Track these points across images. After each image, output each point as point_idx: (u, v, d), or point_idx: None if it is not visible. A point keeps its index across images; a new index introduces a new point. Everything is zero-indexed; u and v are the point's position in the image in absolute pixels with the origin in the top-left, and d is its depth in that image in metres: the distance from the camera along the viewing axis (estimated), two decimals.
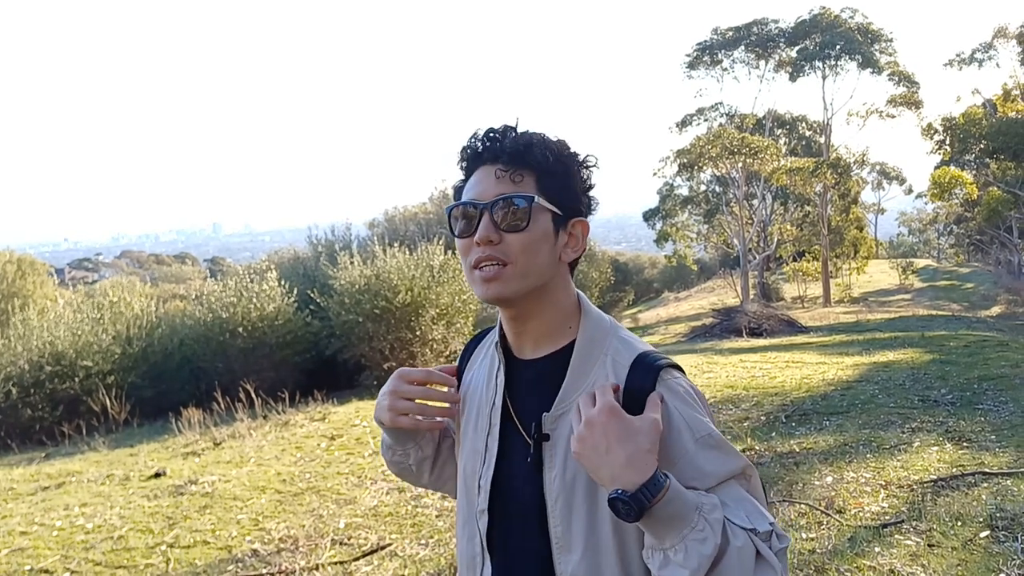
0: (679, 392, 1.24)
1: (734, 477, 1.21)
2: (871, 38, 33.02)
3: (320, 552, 4.84)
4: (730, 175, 31.58)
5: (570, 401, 1.26)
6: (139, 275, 48.78)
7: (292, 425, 8.95)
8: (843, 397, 7.86)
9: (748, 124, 33.73)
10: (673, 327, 24.76)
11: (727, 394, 8.47)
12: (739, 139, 28.79)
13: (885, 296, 33.49)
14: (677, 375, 1.28)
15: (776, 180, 30.16)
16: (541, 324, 1.32)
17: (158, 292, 24.07)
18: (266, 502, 6.07)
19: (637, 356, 1.28)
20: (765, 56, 34.76)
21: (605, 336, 1.31)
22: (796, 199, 33.48)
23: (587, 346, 1.29)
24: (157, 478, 7.08)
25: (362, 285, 12.13)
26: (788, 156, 32.61)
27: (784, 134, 37.46)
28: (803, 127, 38.27)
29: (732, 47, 34.97)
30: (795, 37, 34.00)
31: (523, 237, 1.25)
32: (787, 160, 30.94)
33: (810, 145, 37.14)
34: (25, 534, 5.73)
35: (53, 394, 11.28)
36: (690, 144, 30.51)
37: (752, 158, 28.84)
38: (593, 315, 1.34)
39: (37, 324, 12.33)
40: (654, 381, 1.24)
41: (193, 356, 12.86)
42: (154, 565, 4.89)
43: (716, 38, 35.43)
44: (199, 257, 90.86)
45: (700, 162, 30.29)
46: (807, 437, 6.38)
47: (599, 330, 1.31)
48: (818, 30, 33.01)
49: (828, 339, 14.92)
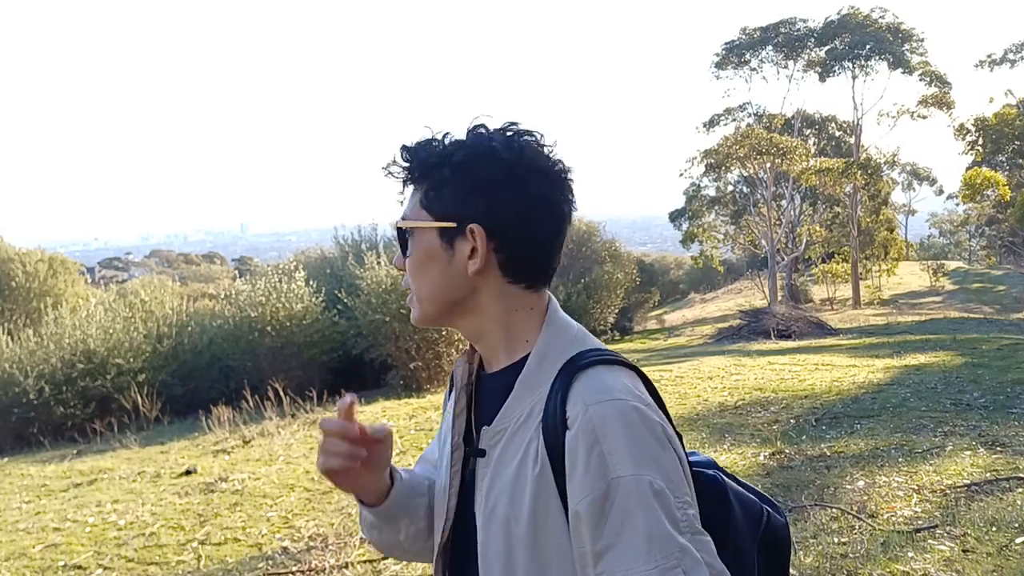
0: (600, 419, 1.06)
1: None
2: (902, 38, 32.62)
3: (349, 550, 4.86)
4: (758, 175, 31.35)
5: (512, 418, 1.15)
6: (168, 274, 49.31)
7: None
8: (874, 400, 7.77)
9: (777, 124, 33.43)
10: (699, 328, 24.64)
11: (756, 396, 8.41)
12: (767, 139, 28.57)
13: (916, 298, 33.05)
14: (606, 381, 1.10)
15: (805, 181, 29.89)
16: (489, 340, 1.21)
17: (187, 291, 24.34)
18: (295, 500, 6.12)
19: (564, 363, 1.13)
20: (794, 56, 34.44)
21: (562, 349, 1.15)
22: (825, 200, 33.14)
23: (538, 360, 1.15)
24: (188, 475, 7.16)
25: (388, 285, 12.18)
26: (817, 156, 32.32)
27: (813, 134, 37.09)
28: (833, 127, 37.88)
29: (760, 47, 34.69)
30: (824, 37, 33.66)
31: (410, 262, 1.20)
32: (816, 160, 30.66)
33: (840, 145, 36.74)
34: (58, 530, 5.82)
35: (85, 392, 11.44)
36: (717, 144, 30.33)
37: (781, 158, 28.61)
38: (556, 326, 1.19)
39: (69, 322, 12.52)
40: (565, 395, 1.09)
41: (222, 354, 12.99)
42: (185, 562, 4.95)
43: (744, 38, 35.17)
44: (227, 257, 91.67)
45: (727, 162, 30.11)
46: (838, 440, 6.31)
47: (557, 342, 1.17)
48: (847, 30, 32.66)
49: (858, 341, 14.78)
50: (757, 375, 9.89)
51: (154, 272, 56.26)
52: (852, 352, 12.26)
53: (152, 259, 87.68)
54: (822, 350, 13.03)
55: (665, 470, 1.04)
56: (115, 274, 66.54)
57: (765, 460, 5.91)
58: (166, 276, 39.68)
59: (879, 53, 32.07)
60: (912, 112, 33.00)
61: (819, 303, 31.81)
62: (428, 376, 11.90)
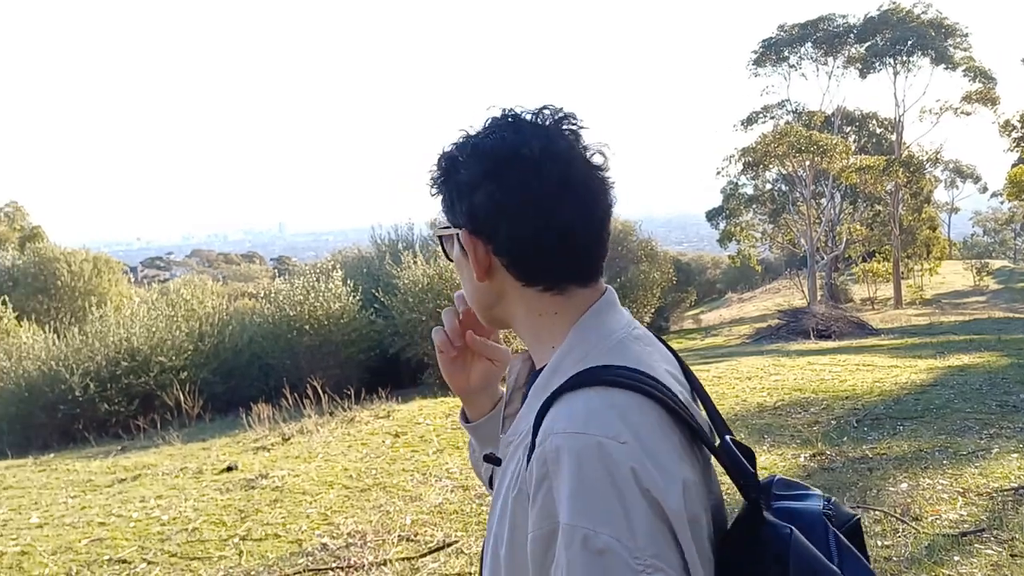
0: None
1: None
2: (945, 33, 32.09)
3: (388, 548, 4.90)
4: (797, 173, 30.99)
5: (519, 431, 1.06)
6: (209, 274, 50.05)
7: (357, 422, 9.08)
8: (917, 401, 7.64)
9: (816, 121, 33.02)
10: (737, 328, 24.42)
11: (795, 397, 8.31)
12: (806, 137, 28.24)
13: (959, 298, 32.44)
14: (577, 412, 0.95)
15: (845, 179, 29.51)
16: (527, 343, 1.15)
17: (227, 290, 24.70)
18: (334, 497, 6.17)
19: (567, 379, 1.00)
20: (833, 53, 34.05)
21: (577, 362, 1.02)
22: (866, 198, 32.68)
23: (549, 372, 1.05)
24: (229, 472, 7.26)
25: (425, 284, 12.25)
26: (858, 154, 31.88)
27: (853, 131, 36.60)
28: (873, 124, 37.34)
29: (799, 44, 34.36)
30: (864, 33, 33.23)
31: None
32: (857, 158, 30.24)
33: (881, 142, 36.21)
34: (103, 525, 5.93)
35: (129, 389, 11.66)
36: (756, 142, 30.06)
37: (820, 156, 28.26)
38: (582, 335, 1.06)
39: (113, 321, 12.76)
40: (541, 418, 0.98)
41: (262, 353, 13.16)
42: (227, 557, 5.01)
43: (782, 35, 34.84)
44: (266, 256, 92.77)
45: (766, 160, 29.82)
46: (880, 442, 6.22)
47: (574, 354, 1.04)
48: (888, 26, 32.21)
49: (900, 342, 14.53)
50: (797, 375, 9.77)
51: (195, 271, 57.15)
52: (894, 352, 12.06)
53: (193, 259, 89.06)
54: (863, 350, 12.84)
55: (619, 524, 0.87)
56: (157, 273, 67.73)
57: (806, 462, 5.84)
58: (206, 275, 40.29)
59: (921, 49, 31.60)
60: (956, 108, 32.46)
61: (859, 303, 31.39)
62: None
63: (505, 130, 1.05)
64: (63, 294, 21.48)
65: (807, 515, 1.04)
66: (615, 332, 1.07)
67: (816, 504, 1.06)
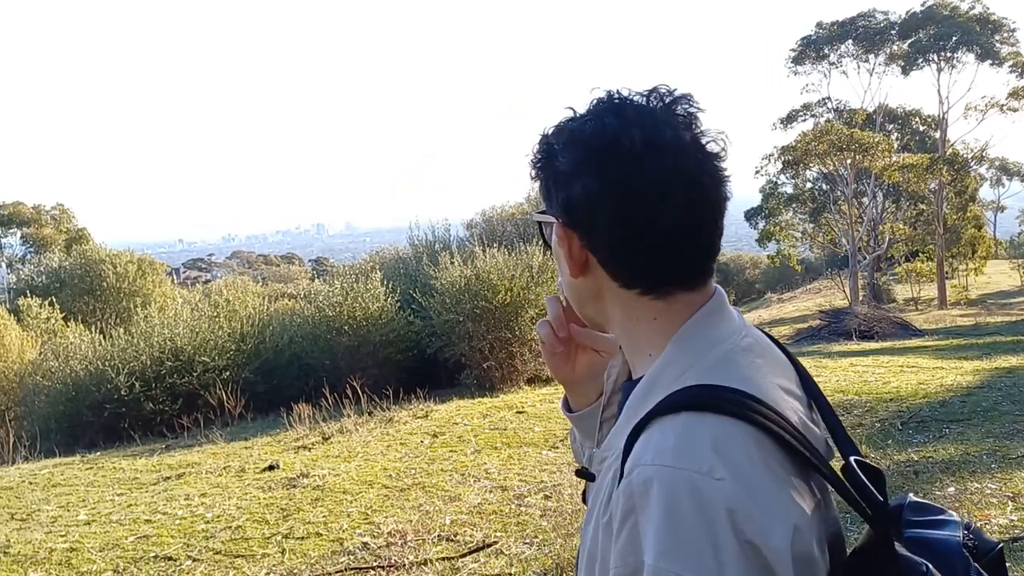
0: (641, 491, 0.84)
1: None
2: (991, 28, 31.43)
3: (428, 547, 4.92)
4: (838, 172, 30.57)
5: (613, 447, 0.97)
6: (249, 275, 50.74)
7: (396, 422, 9.15)
8: (963, 404, 7.50)
9: (857, 119, 32.53)
10: (777, 329, 24.12)
11: (838, 399, 8.20)
12: (847, 135, 27.84)
13: (1005, 298, 31.72)
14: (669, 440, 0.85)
15: (888, 177, 29.02)
16: (623, 348, 1.06)
17: (267, 291, 25.01)
18: (374, 496, 6.22)
19: (664, 397, 0.91)
20: (875, 50, 33.53)
21: (676, 378, 0.92)
22: (909, 197, 32.10)
23: (648, 386, 0.95)
24: (271, 471, 7.35)
25: (462, 285, 12.28)
26: (900, 152, 31.36)
27: (896, 129, 35.98)
28: (916, 122, 36.69)
29: (839, 41, 33.90)
30: (907, 29, 32.68)
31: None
32: (899, 156, 29.76)
33: (924, 140, 35.57)
34: (149, 522, 6.04)
35: (173, 388, 11.84)
36: (795, 141, 29.71)
37: (862, 154, 27.86)
38: (684, 345, 0.96)
39: (158, 321, 12.98)
40: (632, 443, 0.90)
41: (302, 353, 13.29)
42: (270, 555, 5.08)
43: (821, 32, 34.40)
44: (304, 257, 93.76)
45: (806, 159, 29.44)
46: (926, 446, 6.11)
47: (673, 368, 0.94)
48: (932, 21, 31.62)
49: (945, 343, 14.26)
50: (839, 377, 9.65)
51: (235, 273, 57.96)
52: (939, 354, 11.84)
53: (233, 260, 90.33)
54: (907, 351, 12.63)
55: (708, 570, 0.78)
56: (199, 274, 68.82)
57: None
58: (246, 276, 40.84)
59: (966, 44, 30.99)
60: (1002, 105, 31.74)
61: (903, 303, 30.86)
62: (502, 376, 11.95)
63: (606, 115, 0.95)
64: (109, 295, 21.91)
65: (944, 546, 0.92)
66: (721, 343, 0.96)
67: (955, 533, 0.94)
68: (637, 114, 0.94)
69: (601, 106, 0.97)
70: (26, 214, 41.19)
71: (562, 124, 0.99)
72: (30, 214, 41.28)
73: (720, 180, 0.96)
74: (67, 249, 28.94)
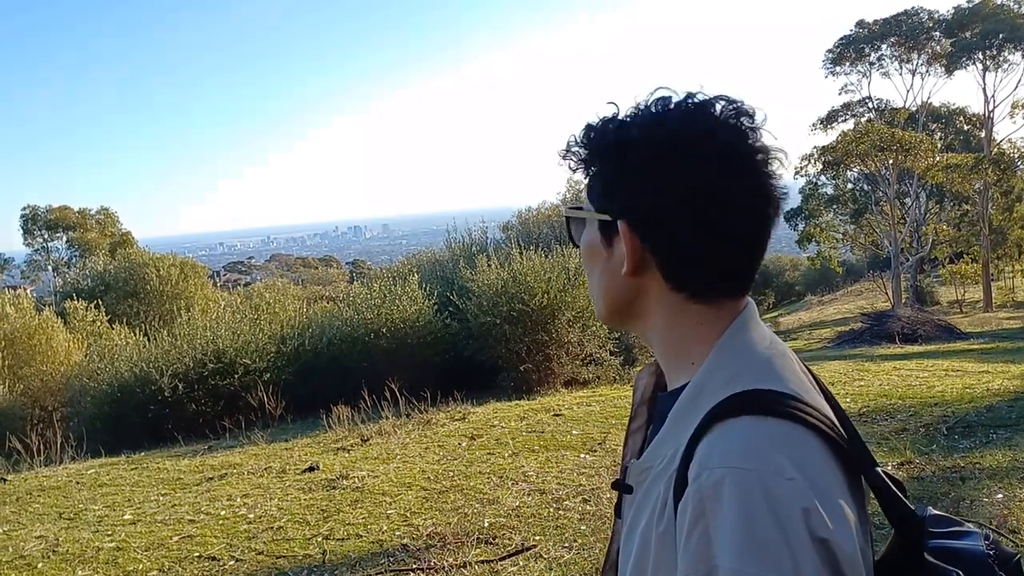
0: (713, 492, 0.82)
1: None
2: None
3: (467, 550, 4.94)
4: (880, 173, 30.10)
5: (658, 457, 0.95)
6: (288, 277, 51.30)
7: (434, 424, 9.18)
8: (1011, 409, 7.34)
9: (900, 119, 32.04)
10: (818, 332, 23.81)
11: (881, 404, 8.07)
12: (889, 135, 27.43)
13: None
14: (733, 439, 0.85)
15: (931, 178, 28.53)
16: (658, 352, 1.04)
17: (305, 294, 25.27)
18: (413, 498, 6.25)
19: (717, 403, 0.89)
20: (917, 49, 32.98)
21: (725, 384, 0.91)
22: (953, 197, 31.54)
23: (694, 392, 0.94)
24: (311, 472, 7.43)
25: (499, 287, 12.30)
26: (944, 152, 30.80)
27: (939, 129, 35.37)
28: (961, 121, 36.03)
29: (879, 40, 33.41)
30: (951, 28, 32.10)
31: (581, 254, 1.08)
32: (943, 156, 29.23)
33: (968, 140, 34.92)
34: (193, 522, 6.12)
35: (215, 390, 12.00)
36: (836, 141, 29.34)
37: (904, 155, 27.43)
38: (730, 351, 0.95)
39: (200, 324, 13.16)
40: (694, 447, 0.88)
41: (341, 355, 13.39)
42: (312, 556, 5.13)
43: (861, 31, 33.92)
44: (342, 260, 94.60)
45: (847, 160, 29.06)
46: (972, 451, 5.99)
47: (721, 374, 0.93)
48: (978, 19, 31.03)
49: (991, 346, 13.98)
50: (882, 381, 9.49)
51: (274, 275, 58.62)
52: (985, 357, 11.61)
53: (272, 263, 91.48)
54: (951, 355, 12.39)
55: (787, 568, 0.77)
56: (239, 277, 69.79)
57: (893, 471, 5.66)
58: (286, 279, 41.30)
59: (1014, 42, 30.36)
60: None
61: (947, 305, 30.30)
62: (538, 378, 11.95)
63: (686, 116, 0.95)
64: (152, 298, 22.25)
65: (970, 556, 0.93)
66: (764, 349, 0.96)
67: (978, 544, 0.95)
68: (710, 118, 0.95)
69: (676, 106, 0.96)
70: (71, 218, 42.09)
71: (629, 118, 0.98)
72: (75, 218, 42.17)
73: (776, 194, 0.97)
74: (111, 253, 29.51)
